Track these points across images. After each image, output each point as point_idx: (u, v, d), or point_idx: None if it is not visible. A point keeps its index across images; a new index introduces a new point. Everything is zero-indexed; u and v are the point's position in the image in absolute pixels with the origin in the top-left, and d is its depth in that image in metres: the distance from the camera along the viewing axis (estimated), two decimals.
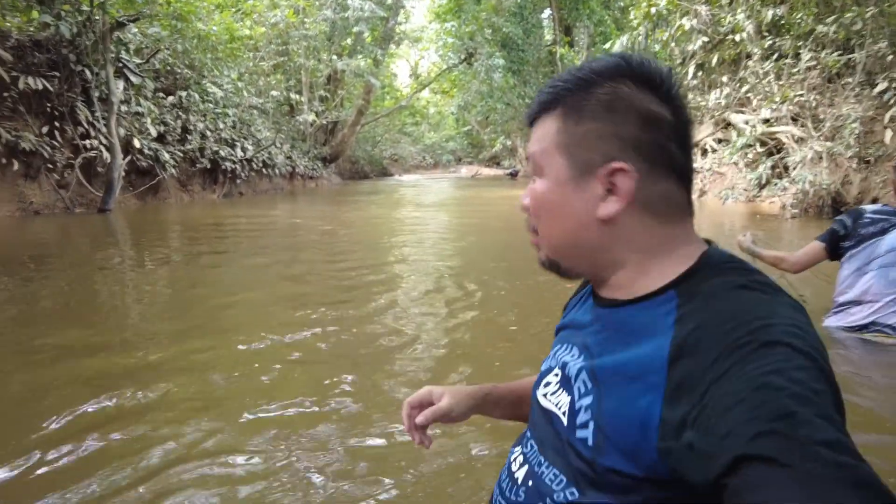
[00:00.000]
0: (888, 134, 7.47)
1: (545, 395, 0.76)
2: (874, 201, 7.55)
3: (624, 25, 16.52)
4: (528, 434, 0.80)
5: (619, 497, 0.61)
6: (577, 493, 0.65)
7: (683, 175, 0.67)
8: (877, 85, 7.89)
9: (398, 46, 26.63)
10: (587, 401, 0.65)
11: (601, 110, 0.65)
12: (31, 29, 8.00)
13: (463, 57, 24.51)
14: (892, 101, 7.35)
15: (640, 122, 0.65)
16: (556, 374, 0.75)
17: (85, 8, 7.88)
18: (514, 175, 27.62)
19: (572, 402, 0.68)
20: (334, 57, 17.84)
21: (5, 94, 7.40)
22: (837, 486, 0.41)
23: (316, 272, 4.39)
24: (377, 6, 18.63)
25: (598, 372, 0.65)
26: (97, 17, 7.87)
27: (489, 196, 12.32)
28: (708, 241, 0.70)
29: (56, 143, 8.02)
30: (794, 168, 8.92)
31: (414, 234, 5.30)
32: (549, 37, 22.90)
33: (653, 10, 10.59)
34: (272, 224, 7.82)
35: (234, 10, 12.95)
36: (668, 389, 0.55)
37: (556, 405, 0.72)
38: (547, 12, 23.54)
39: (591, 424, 0.63)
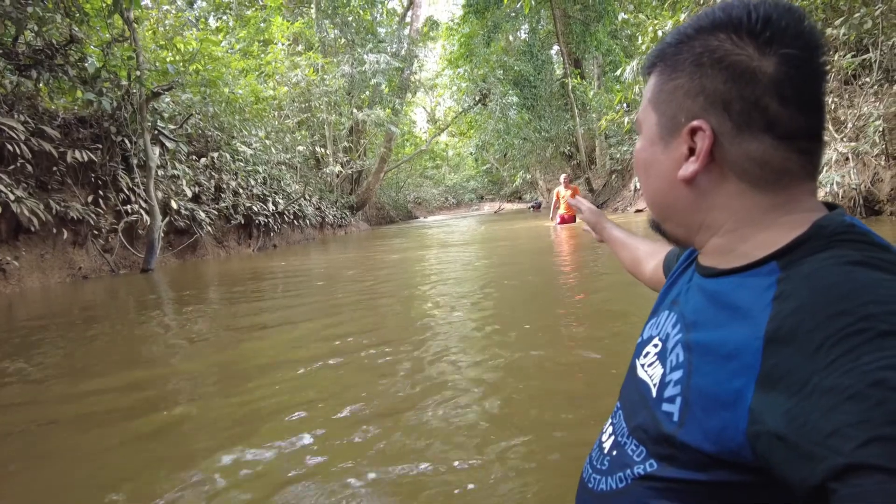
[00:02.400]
0: None
1: (643, 366, 0.74)
2: None
3: (633, 52, 16.80)
4: (619, 405, 0.80)
5: (698, 474, 0.58)
6: (655, 465, 0.63)
7: (792, 135, 0.60)
8: (895, 81, 7.86)
9: (414, 94, 27.48)
10: (677, 375, 0.63)
11: (690, 65, 0.62)
12: (76, 107, 8.60)
13: (477, 98, 25.13)
14: None
15: (727, 77, 0.60)
16: (656, 345, 0.72)
17: (123, 83, 8.45)
18: (536, 207, 27.76)
19: (663, 375, 0.66)
20: (354, 109, 18.51)
21: (54, 169, 7.91)
22: None
23: (351, 333, 4.49)
24: (392, 59, 19.42)
25: (693, 346, 0.62)
26: (134, 91, 8.43)
27: (513, 228, 12.42)
28: (832, 206, 0.63)
29: (100, 210, 8.47)
30: (821, 171, 8.82)
31: (441, 277, 5.40)
32: (559, 71, 23.34)
33: (659, 33, 10.79)
34: (307, 272, 8.03)
35: (257, 73, 13.65)
36: (762, 374, 0.51)
37: (650, 376, 0.70)
38: (555, 48, 24.09)
39: (679, 400, 0.61)
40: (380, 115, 18.50)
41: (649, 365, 0.72)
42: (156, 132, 9.14)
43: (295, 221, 13.36)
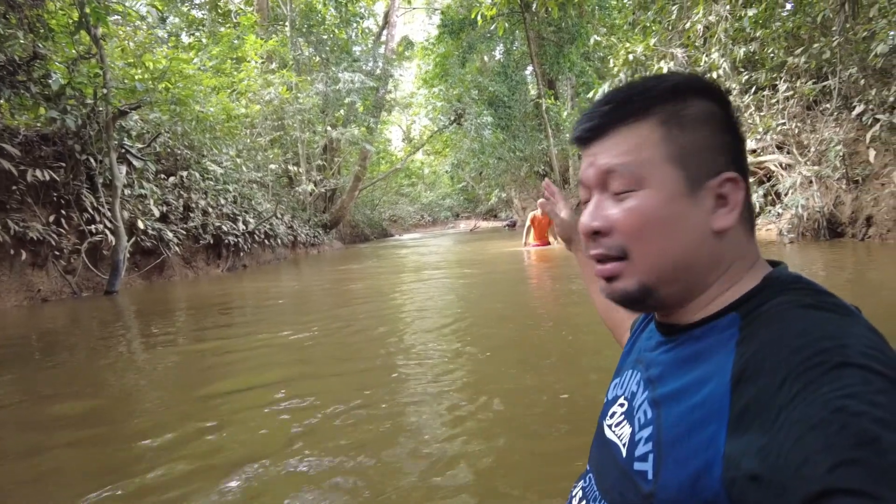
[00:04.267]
0: (872, 153, 7.64)
1: (610, 427, 0.74)
2: (868, 220, 7.64)
3: (605, 74, 17.14)
4: (589, 468, 0.79)
5: None
6: None
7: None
8: (854, 108, 8.14)
9: (390, 113, 27.57)
10: (647, 432, 0.63)
11: (701, 120, 0.65)
12: (39, 124, 8.36)
13: (452, 118, 25.32)
14: (870, 122, 7.56)
15: (731, 132, 0.66)
16: (622, 405, 0.73)
17: (89, 101, 8.25)
18: (511, 225, 27.95)
19: (632, 434, 0.66)
20: (329, 128, 18.45)
21: (13, 188, 7.65)
22: None
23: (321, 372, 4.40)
24: (367, 77, 19.46)
25: (660, 401, 0.63)
26: (101, 108, 8.24)
27: (491, 252, 12.42)
28: (775, 263, 0.68)
29: (62, 231, 8.21)
30: (786, 194, 9.06)
31: (416, 318, 5.32)
32: (533, 91, 23.70)
33: (631, 56, 11.04)
34: (277, 295, 7.89)
35: (229, 90, 13.51)
36: (732, 416, 0.52)
37: (619, 437, 0.70)
38: (529, 69, 24.47)
39: (651, 457, 0.61)
40: (354, 134, 18.47)
41: (617, 425, 0.72)
42: (123, 151, 8.94)
43: (266, 241, 13.16)
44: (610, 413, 0.76)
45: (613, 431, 0.72)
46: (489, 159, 24.57)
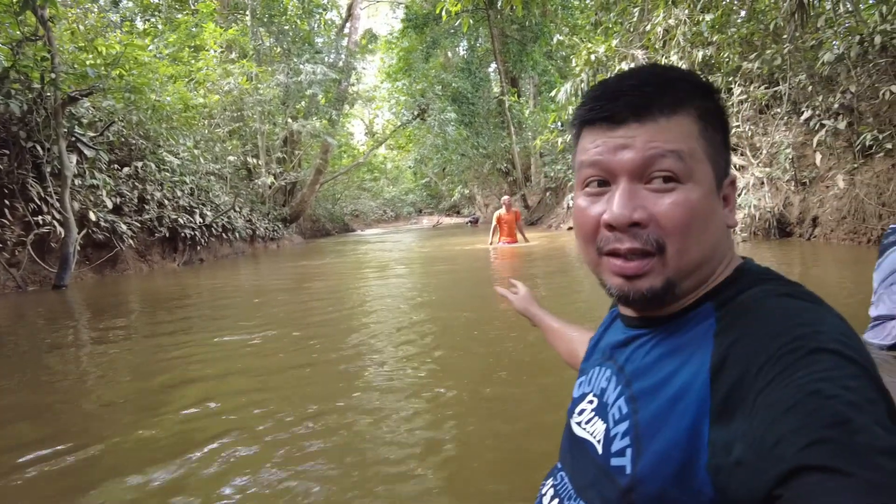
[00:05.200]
0: (818, 157, 7.99)
1: (579, 424, 0.73)
2: (814, 220, 8.00)
3: (567, 73, 17.38)
4: (559, 465, 0.78)
5: None
6: None
7: None
8: (802, 113, 8.49)
9: (352, 106, 27.25)
10: (623, 427, 0.63)
11: (721, 122, 0.66)
12: None
13: (416, 113, 25.24)
14: (816, 127, 7.91)
15: (727, 136, 0.68)
16: (592, 402, 0.73)
17: (35, 85, 7.87)
18: (474, 222, 28.07)
19: (607, 430, 0.65)
20: (289, 119, 18.11)
21: None
22: None
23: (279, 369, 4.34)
24: (329, 70, 19.17)
25: (638, 396, 0.63)
26: (48, 94, 7.86)
27: (453, 250, 12.43)
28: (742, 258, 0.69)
29: (6, 221, 7.81)
30: (740, 194, 9.40)
31: (378, 321, 5.25)
32: (496, 89, 23.82)
33: (592, 56, 11.22)
34: (234, 293, 7.73)
35: (187, 79, 13.09)
36: (715, 405, 0.52)
37: (592, 434, 0.69)
38: (493, 66, 24.59)
39: (629, 452, 0.60)
40: (315, 126, 18.18)
41: (588, 422, 0.71)
42: (73, 139, 8.55)
43: (224, 234, 12.84)
44: (578, 411, 0.75)
45: (585, 429, 0.71)
46: (452, 155, 24.60)
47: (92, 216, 8.87)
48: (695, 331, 0.61)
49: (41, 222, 8.14)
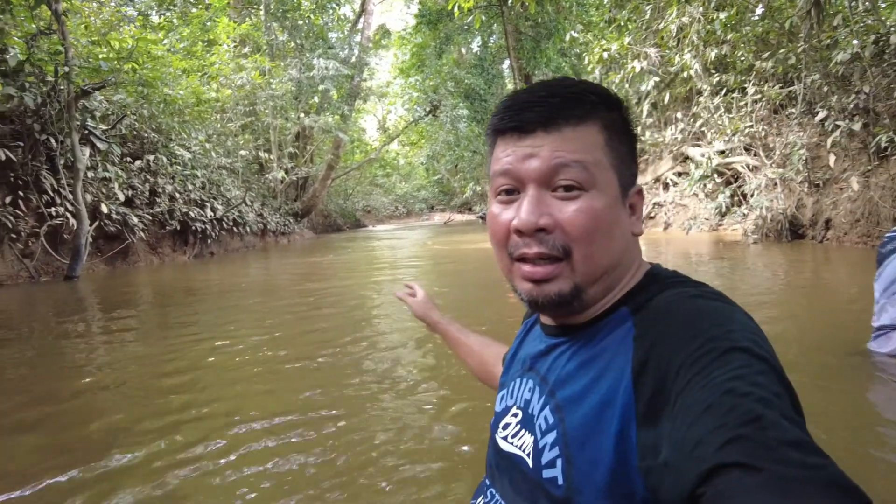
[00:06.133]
0: (832, 158, 7.87)
1: (505, 438, 0.73)
2: (827, 222, 7.89)
3: (580, 71, 17.27)
4: (488, 482, 0.78)
5: None
6: None
7: None
8: (817, 113, 8.37)
9: (365, 102, 27.31)
10: (551, 437, 0.63)
11: (624, 132, 0.68)
12: None
13: (428, 109, 25.21)
14: (831, 128, 7.78)
15: (634, 147, 0.71)
16: (516, 414, 0.73)
17: (49, 78, 7.96)
18: (484, 218, 27.99)
19: (535, 442, 0.66)
20: (302, 115, 18.17)
21: None
22: (810, 487, 0.40)
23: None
24: (342, 65, 19.20)
25: (562, 404, 0.63)
26: (62, 87, 7.95)
27: (463, 248, 12.40)
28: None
29: (20, 213, 7.92)
30: (752, 195, 9.28)
31: (389, 330, 5.23)
32: (510, 86, 23.72)
33: (605, 54, 11.13)
34: (245, 288, 7.78)
35: (200, 73, 13.18)
36: (640, 408, 0.54)
37: (520, 447, 0.69)
38: (506, 62, 24.47)
39: (560, 462, 0.61)
40: (328, 122, 18.23)
41: (514, 436, 0.71)
42: (86, 132, 8.65)
43: (234, 228, 12.93)
44: (503, 425, 0.75)
45: (511, 443, 0.71)
46: (464, 152, 24.58)
47: (104, 208, 8.97)
48: (613, 336, 0.63)
49: (54, 214, 8.25)
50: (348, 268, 9.11)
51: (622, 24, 12.16)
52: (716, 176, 11.04)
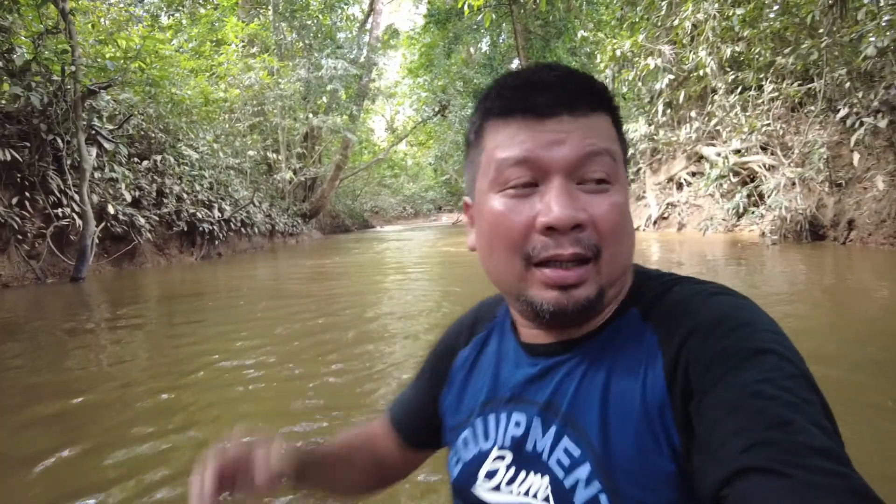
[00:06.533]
0: (856, 156, 7.64)
1: (497, 488, 0.62)
2: (850, 223, 7.65)
3: (591, 70, 17.06)
4: None
5: None
6: None
7: None
8: (838, 111, 8.13)
9: (373, 102, 27.19)
10: (584, 471, 0.55)
11: (621, 129, 0.64)
12: (3, 101, 7.95)
13: (437, 109, 25.07)
14: (856, 126, 7.55)
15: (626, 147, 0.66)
16: (503, 457, 0.62)
17: (56, 78, 7.88)
18: None
19: (556, 481, 0.57)
20: (310, 115, 18.08)
21: None
22: (834, 495, 0.39)
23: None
24: (350, 65, 19.09)
25: (589, 429, 0.56)
26: (69, 87, 7.87)
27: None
28: None
29: (26, 214, 7.84)
30: (769, 195, 9.05)
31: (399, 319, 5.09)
32: None
33: (618, 52, 10.93)
34: (251, 288, 7.68)
35: (208, 73, 13.11)
36: (677, 414, 0.51)
37: (527, 492, 0.59)
38: (516, 62, 24.31)
39: (604, 498, 0.53)
40: (336, 122, 18.13)
41: (511, 482, 0.61)
42: (93, 132, 8.57)
43: (242, 229, 12.84)
44: (485, 473, 0.63)
45: (510, 490, 0.61)
46: None
47: (111, 209, 8.89)
48: (629, 341, 0.58)
49: (61, 215, 8.17)
50: (357, 271, 8.97)
51: (635, 21, 11.96)
52: (731, 175, 10.81)
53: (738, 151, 10.56)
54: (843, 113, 7.90)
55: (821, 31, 7.87)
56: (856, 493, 0.39)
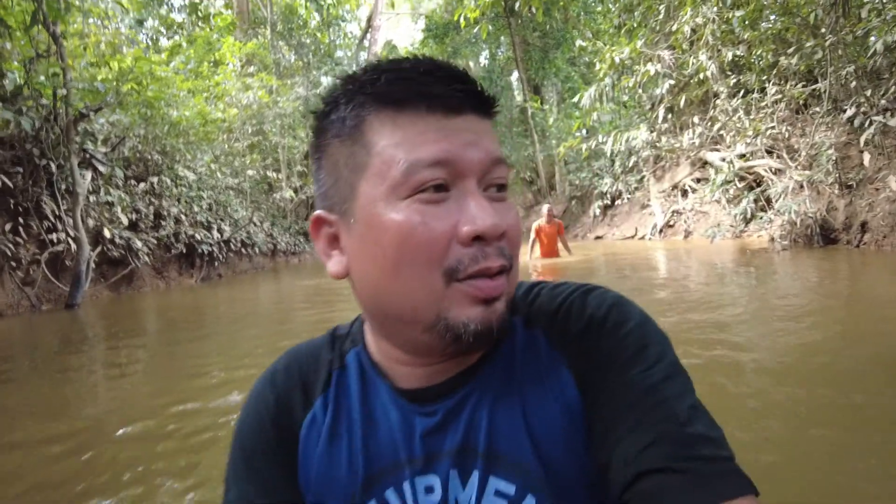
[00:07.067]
0: (866, 157, 7.43)
1: None
2: (863, 225, 7.41)
3: (591, 79, 16.96)
4: None
5: None
6: None
7: None
8: (845, 111, 7.93)
9: None
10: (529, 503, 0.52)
11: None
12: None
13: None
14: (865, 125, 7.34)
15: None
16: None
17: (46, 102, 7.81)
18: None
19: None
20: (310, 132, 18.06)
21: None
22: (721, 479, 0.42)
23: None
24: None
25: (517, 461, 0.53)
26: (60, 110, 7.79)
27: None
28: None
29: (20, 240, 7.73)
30: (777, 200, 8.83)
31: None
32: (519, 97, 23.54)
33: (616, 59, 10.81)
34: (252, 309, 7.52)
35: (205, 94, 13.09)
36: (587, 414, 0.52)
37: None
38: (515, 74, 24.32)
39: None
40: None
41: None
42: (87, 155, 8.48)
43: (243, 249, 12.70)
44: None
45: None
46: None
47: (107, 233, 8.77)
48: (529, 352, 0.56)
49: (55, 240, 8.06)
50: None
51: (633, 27, 11.85)
52: (737, 181, 10.60)
53: (742, 156, 10.36)
54: (850, 113, 7.69)
55: (823, 30, 7.70)
56: (738, 473, 0.43)
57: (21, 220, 7.79)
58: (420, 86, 0.50)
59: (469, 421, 0.55)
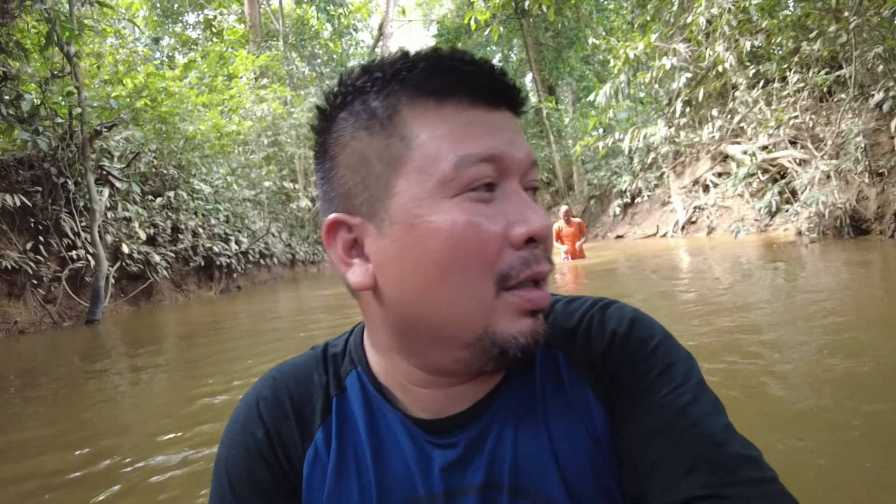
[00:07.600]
0: None
1: None
2: None
3: (606, 77, 16.73)
4: None
5: None
6: None
7: None
8: (872, 96, 7.63)
9: None
10: None
11: None
12: (14, 148, 8.00)
13: None
14: (894, 110, 7.03)
15: None
16: None
17: (62, 120, 7.90)
18: None
19: None
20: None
21: None
22: (767, 501, 0.40)
23: None
24: None
25: (547, 490, 0.49)
26: (76, 129, 7.88)
27: None
28: None
29: (41, 258, 7.82)
30: (803, 191, 8.54)
31: None
32: (534, 98, 23.37)
33: (631, 54, 10.61)
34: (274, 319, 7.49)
35: (220, 107, 13.19)
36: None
37: None
38: (529, 75, 24.16)
39: None
40: None
41: None
42: (104, 172, 8.57)
43: (261, 260, 12.74)
44: None
45: None
46: None
47: (125, 248, 8.84)
48: (549, 375, 0.53)
49: (75, 257, 8.13)
50: None
51: (647, 20, 11.63)
52: (760, 173, 10.30)
53: (765, 148, 10.07)
54: (878, 98, 7.41)
55: (846, 13, 7.42)
56: (784, 495, 0.41)
57: (41, 238, 7.89)
58: (464, 77, 0.47)
59: (492, 453, 0.52)
